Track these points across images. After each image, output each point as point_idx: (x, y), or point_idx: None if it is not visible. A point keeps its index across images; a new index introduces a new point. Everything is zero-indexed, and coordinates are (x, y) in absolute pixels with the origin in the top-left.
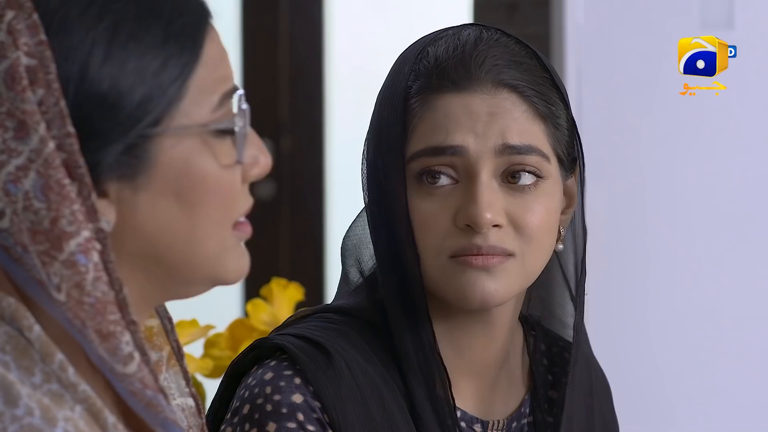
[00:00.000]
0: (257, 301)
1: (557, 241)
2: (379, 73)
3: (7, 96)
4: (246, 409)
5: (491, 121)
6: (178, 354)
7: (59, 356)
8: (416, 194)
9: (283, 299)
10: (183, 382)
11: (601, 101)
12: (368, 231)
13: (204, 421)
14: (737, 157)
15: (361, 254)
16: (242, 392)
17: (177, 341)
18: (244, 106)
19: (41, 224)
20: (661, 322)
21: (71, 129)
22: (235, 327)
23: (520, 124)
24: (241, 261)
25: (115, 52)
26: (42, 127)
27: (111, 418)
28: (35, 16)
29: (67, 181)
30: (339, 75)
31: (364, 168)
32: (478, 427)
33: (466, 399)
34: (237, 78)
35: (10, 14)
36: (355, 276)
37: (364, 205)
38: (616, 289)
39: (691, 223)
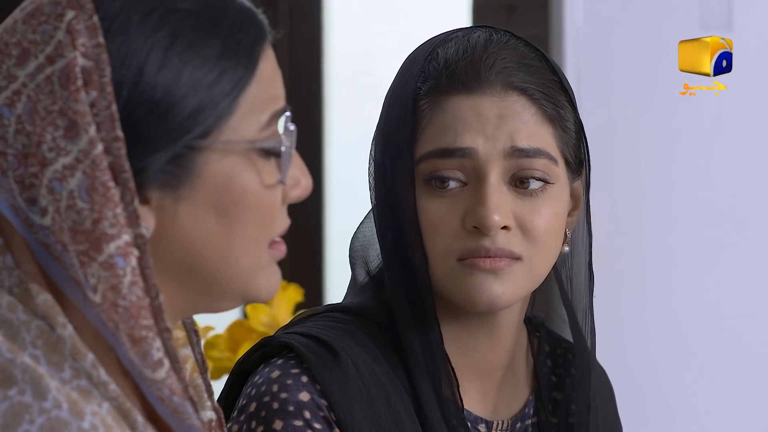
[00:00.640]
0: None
1: (563, 243)
2: (378, 75)
3: (60, 95)
4: (253, 407)
5: (500, 123)
6: (202, 367)
7: (90, 356)
8: (424, 196)
9: (282, 300)
10: (205, 396)
11: (600, 102)
12: (375, 231)
13: None
14: (737, 158)
15: (368, 254)
16: (249, 390)
17: (202, 354)
18: (292, 127)
19: (83, 224)
20: (660, 321)
21: (120, 133)
22: (234, 328)
23: (529, 127)
24: (272, 279)
25: (171, 61)
26: (92, 129)
27: (140, 418)
28: (95, 18)
29: (111, 184)
30: (338, 76)
31: (371, 169)
32: (482, 427)
33: (471, 399)
34: None
35: (70, 14)
36: (363, 278)
37: (371, 207)
38: (614, 289)
39: (689, 223)
